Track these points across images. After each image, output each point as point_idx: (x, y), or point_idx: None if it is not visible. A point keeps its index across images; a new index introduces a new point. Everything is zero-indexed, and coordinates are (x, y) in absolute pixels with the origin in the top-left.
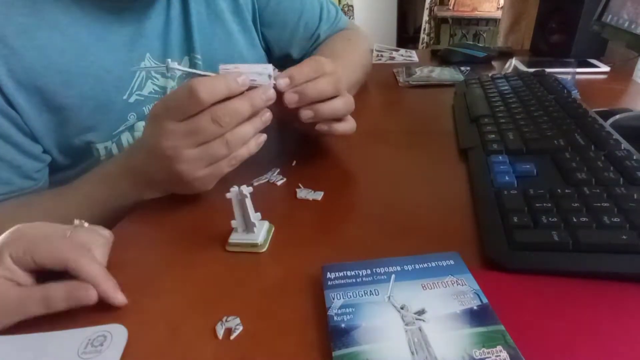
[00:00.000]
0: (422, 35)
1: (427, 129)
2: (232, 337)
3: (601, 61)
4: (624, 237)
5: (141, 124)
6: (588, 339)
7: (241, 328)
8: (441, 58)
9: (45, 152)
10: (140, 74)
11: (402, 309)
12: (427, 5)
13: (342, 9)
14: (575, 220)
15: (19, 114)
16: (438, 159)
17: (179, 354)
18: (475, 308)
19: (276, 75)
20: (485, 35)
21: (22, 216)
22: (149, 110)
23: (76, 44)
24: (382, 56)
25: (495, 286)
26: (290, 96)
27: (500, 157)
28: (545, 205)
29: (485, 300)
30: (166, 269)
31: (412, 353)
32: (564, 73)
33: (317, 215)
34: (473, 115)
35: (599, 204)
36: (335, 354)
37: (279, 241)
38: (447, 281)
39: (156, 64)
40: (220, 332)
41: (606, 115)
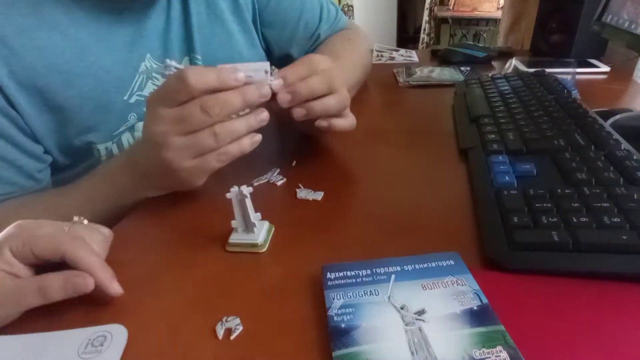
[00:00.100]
0: (422, 35)
1: (427, 129)
2: (232, 337)
3: (601, 61)
4: (624, 237)
5: (141, 124)
6: (588, 339)
7: (241, 328)
8: (441, 58)
9: (46, 152)
10: (141, 74)
11: (402, 309)
12: (427, 5)
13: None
14: (575, 221)
15: (19, 114)
16: (438, 159)
17: (179, 354)
18: (475, 308)
19: (273, 73)
20: (485, 35)
21: (24, 215)
22: None
23: (76, 44)
24: (382, 56)
25: (495, 286)
26: (283, 96)
27: (500, 157)
28: (545, 205)
29: (485, 301)
30: (166, 269)
31: (412, 353)
32: (564, 73)
33: (317, 215)
34: (473, 115)
35: (599, 204)
36: (335, 354)
37: (279, 241)
38: (447, 281)
39: (157, 64)
40: (220, 332)
41: (606, 115)
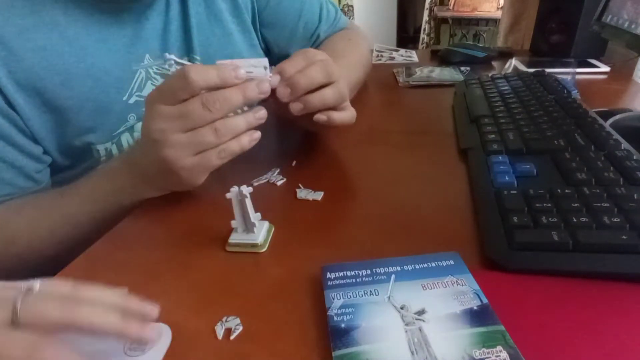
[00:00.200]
0: (422, 36)
1: (427, 129)
2: (232, 337)
3: (601, 61)
4: (624, 237)
5: (141, 124)
6: (588, 339)
7: (241, 328)
8: (441, 58)
9: (46, 153)
10: (140, 75)
11: (402, 309)
12: (427, 5)
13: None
14: (575, 221)
15: (19, 115)
16: (438, 159)
17: (179, 354)
18: (475, 308)
19: (271, 69)
20: (485, 36)
21: (24, 216)
22: None
23: (75, 45)
24: (382, 56)
25: (495, 286)
26: (282, 90)
27: (500, 157)
28: (545, 205)
29: (485, 300)
30: (166, 268)
31: (412, 353)
32: (564, 73)
33: (317, 215)
34: (473, 115)
35: (599, 204)
36: (335, 354)
37: (279, 241)
38: (447, 281)
39: (156, 65)
40: (220, 332)
41: (606, 115)
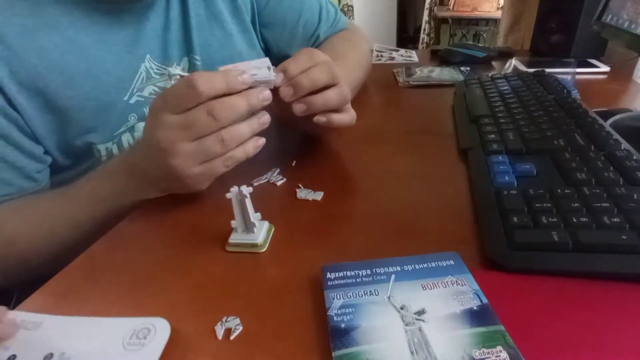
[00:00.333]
0: (422, 35)
1: (427, 129)
2: (232, 337)
3: (601, 61)
4: (624, 237)
5: (142, 124)
6: (588, 339)
7: (241, 328)
8: (441, 58)
9: (47, 153)
10: (141, 75)
11: (402, 309)
12: (427, 5)
13: (342, 9)
14: (575, 221)
15: (20, 115)
16: (438, 159)
17: (179, 354)
18: (475, 308)
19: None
20: (485, 35)
21: (24, 216)
22: None
23: (76, 45)
24: (382, 56)
25: (495, 286)
26: (285, 90)
27: (500, 157)
28: (545, 205)
29: (485, 300)
30: (166, 268)
31: (412, 353)
32: (564, 73)
33: (317, 215)
34: (473, 115)
35: (599, 204)
36: (335, 354)
37: (279, 241)
38: (447, 281)
39: (157, 65)
40: (220, 332)
41: (606, 115)
